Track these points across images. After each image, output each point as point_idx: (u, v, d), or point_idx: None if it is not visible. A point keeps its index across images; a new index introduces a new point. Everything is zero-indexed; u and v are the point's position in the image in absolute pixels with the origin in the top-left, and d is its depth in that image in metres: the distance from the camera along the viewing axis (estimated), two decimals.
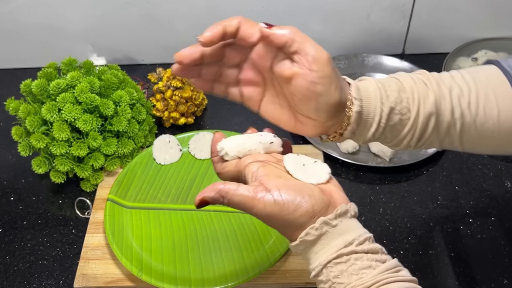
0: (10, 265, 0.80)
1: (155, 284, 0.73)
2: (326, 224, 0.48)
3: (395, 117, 0.52)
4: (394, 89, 0.52)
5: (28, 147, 0.86)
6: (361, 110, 0.52)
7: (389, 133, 0.54)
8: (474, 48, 1.09)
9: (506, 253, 0.78)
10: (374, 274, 0.46)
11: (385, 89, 0.52)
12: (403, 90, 0.52)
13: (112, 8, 1.04)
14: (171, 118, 0.98)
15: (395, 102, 0.52)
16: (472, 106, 0.52)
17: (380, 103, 0.52)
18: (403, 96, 0.52)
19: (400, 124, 0.53)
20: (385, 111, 0.52)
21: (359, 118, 0.52)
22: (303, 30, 0.54)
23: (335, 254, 0.47)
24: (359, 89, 0.52)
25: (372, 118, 0.52)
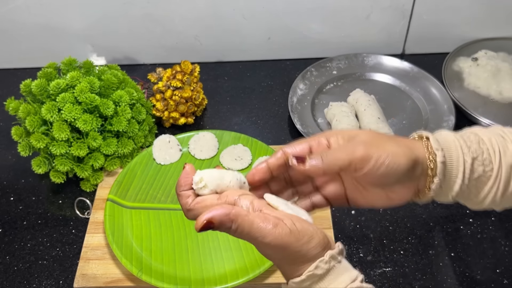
0: (10, 265, 0.80)
1: (155, 284, 0.73)
2: (334, 259, 0.46)
3: (479, 168, 0.50)
4: (473, 140, 0.51)
5: (28, 147, 0.86)
6: (444, 160, 0.50)
7: (474, 188, 0.52)
8: (474, 48, 1.09)
9: (506, 253, 0.78)
10: None
11: (464, 140, 0.51)
12: (482, 141, 0.51)
13: (112, 8, 1.04)
14: (171, 118, 0.98)
15: (476, 153, 0.50)
16: None
17: (462, 153, 0.50)
18: (483, 147, 0.51)
19: (484, 176, 0.51)
20: (468, 162, 0.50)
21: (444, 169, 0.50)
22: (303, 30, 0.54)
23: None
24: (438, 140, 0.51)
25: (457, 169, 0.50)
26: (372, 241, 0.80)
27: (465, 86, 1.03)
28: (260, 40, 1.11)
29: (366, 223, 0.83)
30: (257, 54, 1.14)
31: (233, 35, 1.10)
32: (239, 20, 1.07)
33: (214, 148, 0.92)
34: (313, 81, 1.06)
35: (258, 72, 1.12)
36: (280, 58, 1.14)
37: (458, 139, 0.51)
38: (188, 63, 0.97)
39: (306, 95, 1.04)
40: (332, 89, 1.06)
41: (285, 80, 1.09)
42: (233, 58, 1.15)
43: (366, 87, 1.04)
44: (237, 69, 1.13)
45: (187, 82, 0.96)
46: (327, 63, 1.09)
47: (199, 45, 1.11)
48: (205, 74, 1.10)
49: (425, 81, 1.04)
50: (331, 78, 1.07)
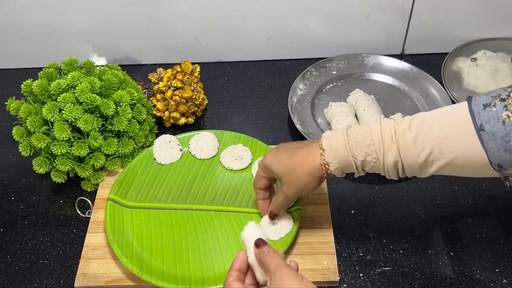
0: (11, 265, 0.80)
1: (156, 283, 0.73)
2: None
3: (368, 165, 0.66)
4: (364, 144, 0.65)
5: (29, 147, 0.86)
6: (338, 166, 0.67)
7: (371, 172, 0.67)
8: (473, 48, 1.09)
9: (505, 253, 0.78)
10: None
11: (356, 146, 0.65)
12: (371, 144, 0.64)
13: (112, 8, 1.04)
14: (172, 118, 0.98)
15: (364, 156, 0.65)
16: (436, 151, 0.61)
17: (353, 159, 0.66)
18: (372, 150, 0.64)
19: (375, 168, 0.66)
20: (359, 164, 0.66)
21: (340, 170, 0.68)
22: (303, 30, 0.55)
23: None
24: (332, 151, 0.67)
25: (351, 168, 0.67)
26: (372, 240, 0.80)
27: (464, 86, 1.04)
28: (260, 40, 1.11)
29: (365, 223, 0.83)
30: (257, 54, 1.14)
31: (233, 35, 1.10)
32: (239, 20, 1.07)
33: (214, 148, 0.92)
34: (313, 81, 1.06)
35: (258, 72, 1.12)
36: (280, 58, 1.15)
37: (350, 145, 0.65)
38: (189, 63, 0.97)
39: (306, 95, 1.04)
40: (332, 89, 1.07)
41: (285, 80, 1.09)
42: (233, 58, 1.15)
43: (366, 87, 1.04)
44: (237, 69, 1.14)
45: (188, 82, 0.96)
46: (327, 63, 1.10)
47: (199, 45, 1.12)
48: (205, 74, 1.11)
49: (425, 81, 1.05)
50: (331, 78, 1.08)
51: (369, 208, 0.85)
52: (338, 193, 0.87)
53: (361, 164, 0.66)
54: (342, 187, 0.89)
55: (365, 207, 0.85)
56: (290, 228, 0.78)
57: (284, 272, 0.55)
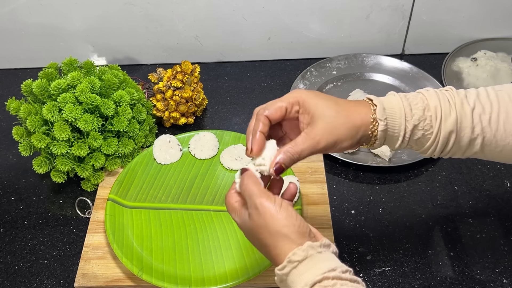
0: (11, 265, 0.80)
1: (156, 284, 0.73)
2: (312, 248, 0.51)
3: (418, 132, 0.58)
4: (419, 107, 0.58)
5: (29, 147, 0.86)
6: (386, 128, 0.58)
7: (414, 145, 0.60)
8: (473, 48, 1.09)
9: (506, 253, 0.78)
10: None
11: (410, 108, 0.58)
12: (427, 108, 0.58)
13: (112, 8, 1.04)
14: (172, 118, 0.98)
15: (418, 120, 0.58)
16: (492, 123, 0.57)
17: (405, 121, 0.58)
18: (427, 114, 0.58)
19: (423, 138, 0.59)
20: (409, 128, 0.58)
21: (385, 134, 0.59)
22: (303, 30, 0.55)
23: (320, 276, 0.49)
24: (384, 108, 0.58)
25: (398, 134, 0.59)
26: (372, 240, 0.80)
27: (465, 86, 1.04)
28: (260, 40, 1.11)
29: (365, 223, 0.83)
30: (257, 54, 1.14)
31: (233, 35, 1.10)
32: (239, 20, 1.07)
33: (215, 148, 0.92)
34: (313, 81, 1.06)
35: (258, 72, 1.12)
36: (280, 58, 1.15)
37: (405, 106, 0.58)
38: (189, 63, 0.97)
39: None
40: (332, 89, 1.06)
41: (285, 80, 1.09)
42: (233, 58, 1.15)
43: (366, 87, 1.04)
44: (237, 69, 1.14)
45: (188, 82, 0.96)
46: (327, 63, 1.10)
47: (199, 45, 1.12)
48: (205, 74, 1.11)
49: (425, 81, 1.05)
50: (331, 78, 1.08)
51: (369, 208, 0.85)
52: (338, 193, 0.87)
53: (411, 130, 0.58)
54: (342, 187, 0.89)
55: (365, 207, 0.85)
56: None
57: (258, 204, 0.54)
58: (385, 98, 0.59)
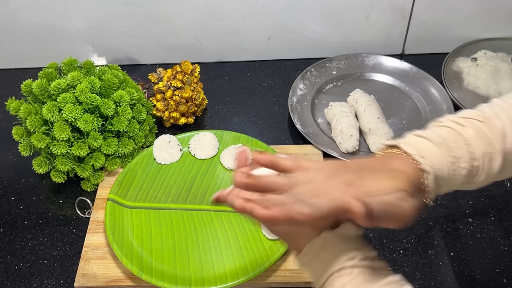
0: (10, 265, 0.80)
1: (156, 284, 0.73)
2: (330, 237, 0.50)
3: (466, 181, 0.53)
4: (466, 160, 0.52)
5: (29, 147, 0.86)
6: (437, 190, 0.52)
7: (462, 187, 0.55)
8: (473, 48, 1.09)
9: (505, 253, 0.78)
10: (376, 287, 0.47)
11: (458, 165, 0.52)
12: (473, 159, 0.52)
13: (112, 8, 1.04)
14: (172, 118, 0.98)
15: (466, 176, 0.52)
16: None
17: (453, 179, 0.52)
18: (474, 165, 0.52)
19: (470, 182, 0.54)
20: (455, 184, 0.53)
21: (436, 193, 0.52)
22: (303, 30, 0.55)
23: (339, 266, 0.48)
24: (435, 177, 0.51)
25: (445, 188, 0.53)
26: (372, 240, 0.80)
27: (465, 86, 1.04)
28: (260, 40, 1.11)
29: None
30: (257, 54, 1.14)
31: (233, 35, 1.10)
32: (239, 20, 1.07)
33: (214, 148, 0.92)
34: (313, 81, 1.06)
35: (258, 72, 1.12)
36: (280, 58, 1.15)
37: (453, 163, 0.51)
38: (189, 63, 0.97)
39: (306, 95, 1.04)
40: (332, 89, 1.06)
41: (285, 80, 1.09)
42: (233, 58, 1.15)
43: (366, 87, 1.04)
44: (237, 69, 1.13)
45: (188, 82, 0.96)
46: (327, 63, 1.09)
47: (199, 45, 1.12)
48: (205, 74, 1.11)
49: (425, 81, 1.05)
50: (331, 78, 1.08)
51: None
52: None
53: (459, 182, 0.53)
54: None
55: None
56: None
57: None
58: (432, 156, 0.51)
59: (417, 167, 0.50)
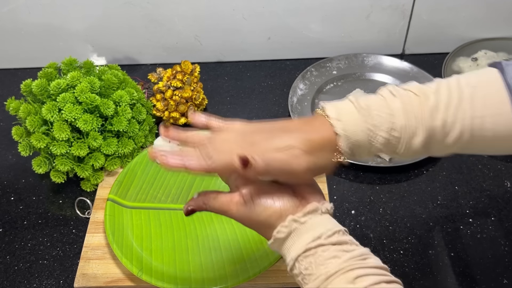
0: (10, 265, 0.80)
1: (155, 284, 0.73)
2: (295, 221, 0.52)
3: (384, 149, 0.54)
4: (384, 129, 0.53)
5: (29, 147, 0.86)
6: (353, 152, 0.54)
7: (384, 153, 0.58)
8: (474, 48, 1.09)
9: (506, 253, 0.78)
10: (339, 263, 0.48)
11: (375, 133, 0.53)
12: (394, 128, 0.53)
13: (112, 8, 1.04)
14: (171, 118, 0.98)
15: (383, 144, 0.53)
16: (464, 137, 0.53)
17: (370, 144, 0.53)
18: (394, 136, 0.53)
19: (391, 152, 0.55)
20: (373, 150, 0.54)
21: (352, 154, 0.55)
22: (303, 30, 0.55)
23: (304, 248, 0.50)
24: (347, 136, 0.53)
25: (362, 153, 0.55)
26: (372, 241, 0.80)
27: None
28: (260, 40, 1.11)
29: (366, 223, 0.83)
30: (257, 54, 1.14)
31: (233, 35, 1.10)
32: (239, 20, 1.07)
33: None
34: (313, 81, 1.06)
35: (258, 72, 1.12)
36: (280, 58, 1.15)
37: (370, 130, 0.52)
38: (188, 63, 0.97)
39: (306, 95, 1.04)
40: (332, 89, 1.06)
41: (285, 80, 1.09)
42: (233, 58, 1.15)
43: (366, 87, 1.04)
44: (237, 69, 1.13)
45: (187, 82, 0.96)
46: (327, 63, 1.09)
47: (199, 45, 1.12)
48: (205, 74, 1.11)
49: (425, 81, 1.02)
50: (331, 78, 1.07)
51: (370, 208, 0.85)
52: (339, 193, 0.87)
53: (378, 150, 0.54)
54: (343, 187, 0.88)
55: (366, 207, 0.85)
56: None
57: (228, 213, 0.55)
58: (347, 117, 0.53)
59: (331, 128, 0.53)
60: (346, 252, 0.50)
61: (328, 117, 0.53)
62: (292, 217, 0.52)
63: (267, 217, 0.53)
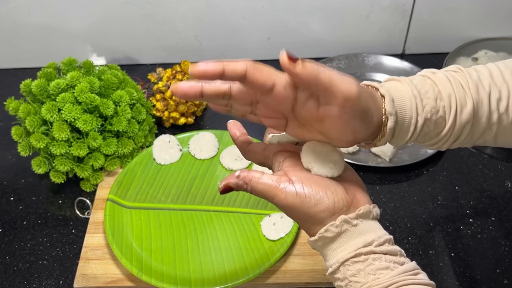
0: (10, 265, 0.80)
1: (155, 284, 0.73)
2: (347, 223, 0.47)
3: (430, 126, 0.50)
4: (430, 96, 0.49)
5: (28, 147, 0.86)
6: (395, 125, 0.49)
7: (422, 138, 0.52)
8: (474, 48, 1.09)
9: (506, 253, 0.78)
10: (392, 275, 0.46)
11: (421, 98, 0.49)
12: (440, 97, 0.49)
13: (112, 8, 1.04)
14: (171, 118, 0.98)
15: (431, 113, 0.49)
16: (510, 110, 0.50)
17: (416, 114, 0.49)
18: (440, 104, 0.49)
19: (434, 131, 0.51)
20: (420, 122, 0.49)
21: (393, 131, 0.50)
22: (303, 30, 0.54)
23: (354, 253, 0.47)
24: (393, 101, 0.49)
25: (407, 129, 0.50)
26: None
27: None
28: (260, 40, 1.11)
29: None
30: (257, 54, 1.14)
31: (233, 35, 1.10)
32: (239, 20, 1.07)
33: (214, 148, 0.92)
34: None
35: None
36: None
37: (416, 96, 0.49)
38: (188, 63, 0.97)
39: None
40: None
41: None
42: (233, 58, 1.13)
43: None
44: None
45: None
46: (327, 63, 1.09)
47: (199, 45, 1.11)
48: None
49: None
50: None
51: None
52: None
53: (422, 125, 0.50)
54: None
55: None
56: (290, 228, 0.78)
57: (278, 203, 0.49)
58: (391, 85, 0.50)
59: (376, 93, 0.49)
60: (398, 264, 0.47)
61: (373, 86, 0.50)
62: (344, 217, 0.47)
63: (318, 211, 0.47)
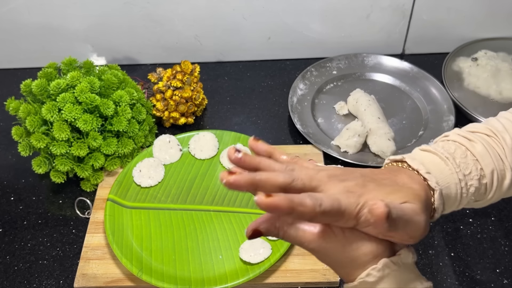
0: (10, 265, 0.80)
1: (155, 284, 0.73)
2: (388, 267, 0.45)
3: (471, 201, 0.51)
4: (474, 177, 0.49)
5: (28, 147, 0.86)
6: (443, 208, 0.48)
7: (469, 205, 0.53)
8: (474, 48, 1.09)
9: (506, 253, 0.78)
10: None
11: (466, 182, 0.49)
12: (482, 176, 0.50)
13: (112, 8, 1.04)
14: (171, 118, 0.98)
15: (474, 194, 0.50)
16: None
17: (460, 198, 0.49)
18: (482, 183, 0.50)
19: (475, 203, 0.52)
20: (463, 203, 0.50)
21: (439, 213, 0.49)
22: (303, 30, 0.54)
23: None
24: (441, 193, 0.47)
25: (449, 209, 0.50)
26: None
27: (465, 86, 1.03)
28: (260, 40, 1.11)
29: None
30: (257, 54, 1.14)
31: (233, 35, 1.10)
32: (239, 20, 1.07)
33: (214, 148, 0.92)
34: (313, 81, 1.06)
35: (258, 72, 1.12)
36: (280, 58, 1.14)
37: (461, 180, 0.48)
38: (188, 63, 0.97)
39: (306, 95, 1.04)
40: (332, 89, 1.06)
41: (285, 80, 1.09)
42: (233, 58, 1.15)
43: (366, 87, 1.04)
44: (237, 69, 1.13)
45: (187, 82, 0.96)
46: (327, 63, 1.09)
47: (199, 45, 1.12)
48: (205, 74, 1.10)
49: (425, 81, 1.04)
50: (331, 78, 1.07)
51: None
52: None
53: (465, 204, 0.51)
54: None
55: None
56: None
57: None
58: (437, 169, 0.48)
59: (424, 183, 0.46)
60: None
61: (414, 169, 0.47)
62: (386, 261, 0.44)
63: (361, 255, 0.44)
